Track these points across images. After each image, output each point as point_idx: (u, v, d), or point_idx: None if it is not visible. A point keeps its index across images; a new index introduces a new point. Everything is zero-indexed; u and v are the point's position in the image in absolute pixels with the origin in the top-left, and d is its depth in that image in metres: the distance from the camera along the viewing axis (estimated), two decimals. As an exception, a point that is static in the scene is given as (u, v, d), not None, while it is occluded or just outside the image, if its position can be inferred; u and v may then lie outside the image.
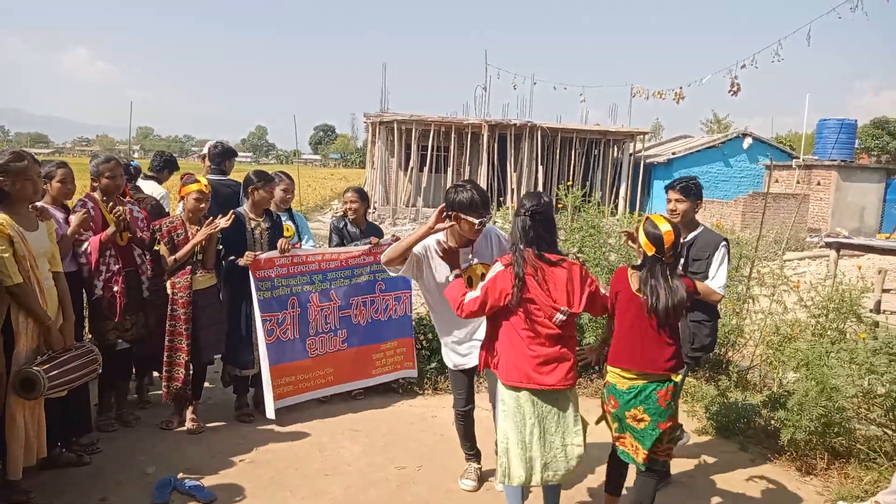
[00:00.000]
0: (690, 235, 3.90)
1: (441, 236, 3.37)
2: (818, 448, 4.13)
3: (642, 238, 3.01)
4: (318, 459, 4.06)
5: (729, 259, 3.87)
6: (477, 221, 3.20)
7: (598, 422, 3.31)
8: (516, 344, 2.92)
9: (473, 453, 3.82)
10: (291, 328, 4.63)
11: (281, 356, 4.55)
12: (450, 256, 3.20)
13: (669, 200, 3.94)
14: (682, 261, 3.47)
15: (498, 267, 2.95)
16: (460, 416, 3.72)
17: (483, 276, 3.15)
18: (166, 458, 3.94)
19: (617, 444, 3.19)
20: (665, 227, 2.97)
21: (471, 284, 3.18)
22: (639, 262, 3.12)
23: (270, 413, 4.37)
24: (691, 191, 3.86)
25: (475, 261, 3.40)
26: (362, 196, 5.25)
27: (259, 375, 4.52)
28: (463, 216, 3.20)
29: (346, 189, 5.44)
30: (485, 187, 22.07)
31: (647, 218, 3.07)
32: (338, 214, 5.55)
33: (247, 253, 4.37)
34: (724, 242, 3.83)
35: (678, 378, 3.14)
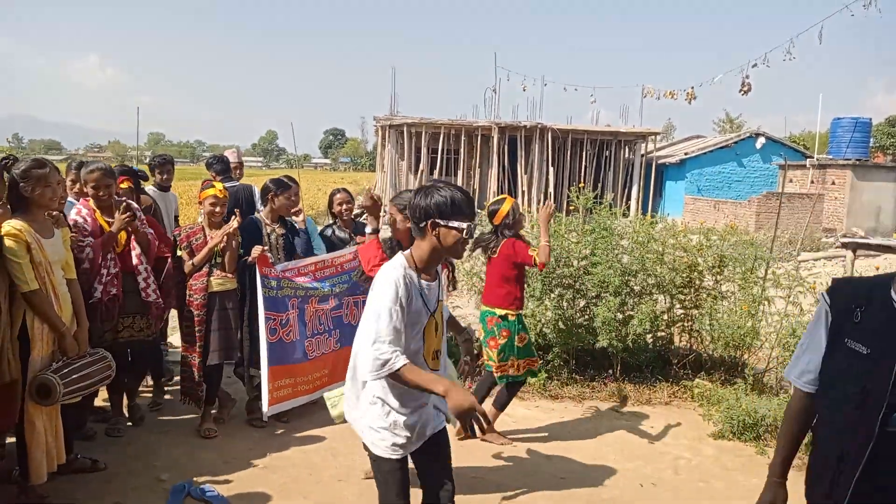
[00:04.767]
0: None
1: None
2: (837, 452, 4.07)
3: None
4: (332, 465, 4.05)
5: None
6: (465, 227, 2.32)
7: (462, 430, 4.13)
8: None
9: None
10: (294, 329, 4.60)
11: (283, 357, 4.52)
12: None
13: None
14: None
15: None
16: None
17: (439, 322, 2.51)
18: (181, 463, 3.95)
19: (501, 372, 4.35)
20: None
21: (434, 331, 2.45)
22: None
23: (266, 413, 4.34)
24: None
25: (442, 297, 2.55)
26: (351, 195, 5.24)
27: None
28: (443, 224, 2.32)
29: (333, 192, 5.19)
30: (496, 189, 22.23)
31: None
32: (325, 224, 5.40)
33: (255, 247, 4.30)
34: None
35: None
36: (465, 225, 2.31)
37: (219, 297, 4.36)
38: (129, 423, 4.41)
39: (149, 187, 5.57)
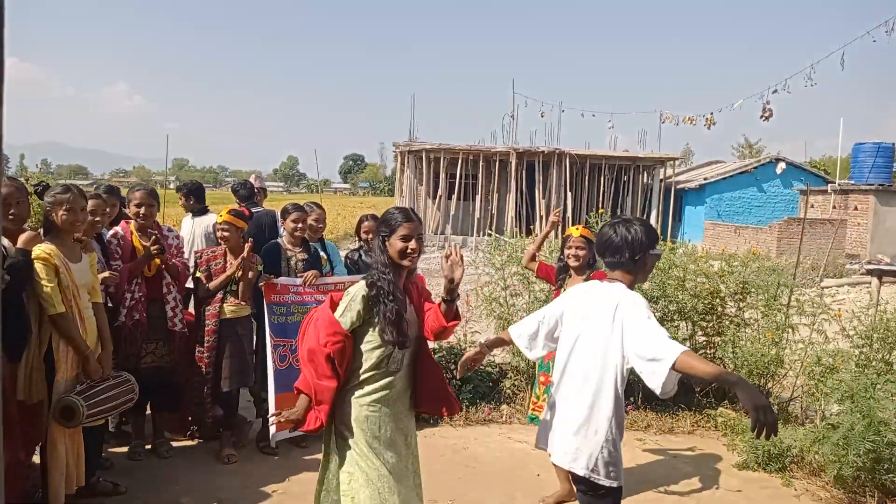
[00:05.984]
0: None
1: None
2: (867, 485, 3.97)
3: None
4: (350, 491, 4.01)
5: None
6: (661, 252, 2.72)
7: None
8: None
9: None
10: None
11: (294, 383, 4.51)
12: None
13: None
14: None
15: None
16: None
17: None
18: (200, 487, 3.94)
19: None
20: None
21: None
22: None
23: (273, 440, 4.34)
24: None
25: None
26: None
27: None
28: (652, 252, 2.62)
29: (361, 219, 5.28)
30: (514, 214, 22.24)
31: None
32: (352, 247, 5.46)
33: (262, 276, 4.39)
34: None
35: None
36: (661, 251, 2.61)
37: (231, 324, 4.37)
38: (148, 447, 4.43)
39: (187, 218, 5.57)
